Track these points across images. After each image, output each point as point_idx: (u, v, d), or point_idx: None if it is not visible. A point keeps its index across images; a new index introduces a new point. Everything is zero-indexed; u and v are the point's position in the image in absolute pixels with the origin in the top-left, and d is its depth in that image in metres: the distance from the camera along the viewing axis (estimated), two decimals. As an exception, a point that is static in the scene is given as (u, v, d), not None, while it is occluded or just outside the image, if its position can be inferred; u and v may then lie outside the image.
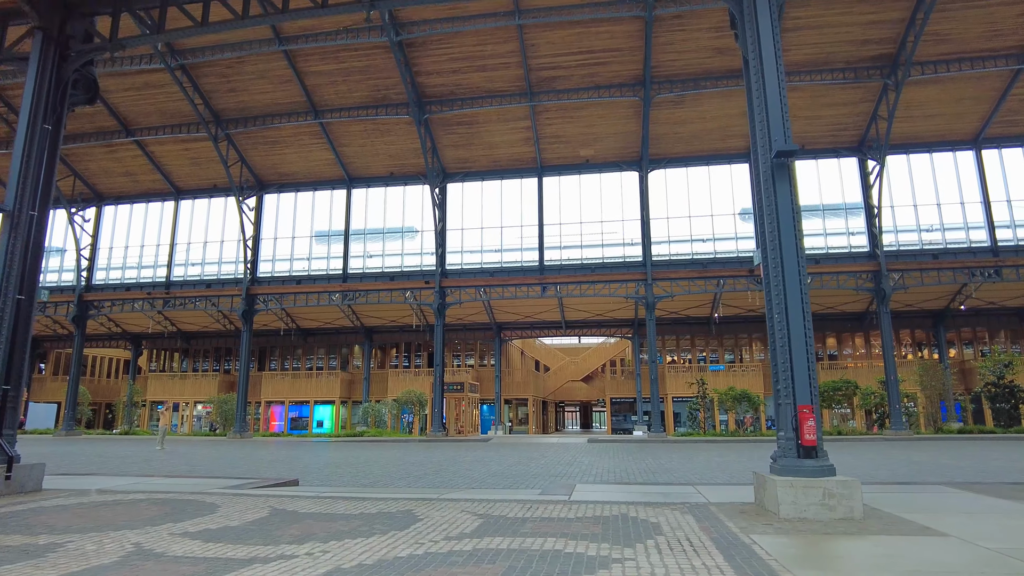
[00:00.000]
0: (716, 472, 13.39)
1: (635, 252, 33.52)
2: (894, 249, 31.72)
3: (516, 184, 35.06)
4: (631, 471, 13.82)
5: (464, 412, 38.19)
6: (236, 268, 37.20)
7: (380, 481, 12.05)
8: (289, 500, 8.34)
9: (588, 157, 33.83)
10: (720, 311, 39.54)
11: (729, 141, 33.06)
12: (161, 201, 38.94)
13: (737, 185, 33.70)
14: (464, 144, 33.43)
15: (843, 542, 5.63)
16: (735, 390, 34.39)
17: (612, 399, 45.35)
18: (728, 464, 15.45)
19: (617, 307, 39.52)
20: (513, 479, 12.25)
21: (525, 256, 34.56)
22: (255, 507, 7.76)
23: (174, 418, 47.02)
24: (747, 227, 33.46)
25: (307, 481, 11.99)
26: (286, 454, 20.45)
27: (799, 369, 7.17)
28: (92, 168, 37.07)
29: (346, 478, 12.62)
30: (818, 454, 6.96)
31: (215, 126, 32.67)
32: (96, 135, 33.87)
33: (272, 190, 37.19)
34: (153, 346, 49.68)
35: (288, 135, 33.92)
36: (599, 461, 16.80)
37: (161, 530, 6.25)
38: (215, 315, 41.87)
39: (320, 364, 46.70)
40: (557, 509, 7.46)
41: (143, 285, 37.89)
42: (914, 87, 29.14)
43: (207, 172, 36.91)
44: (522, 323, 43.31)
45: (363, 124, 32.76)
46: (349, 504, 8.00)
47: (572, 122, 31.89)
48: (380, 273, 35.64)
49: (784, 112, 7.97)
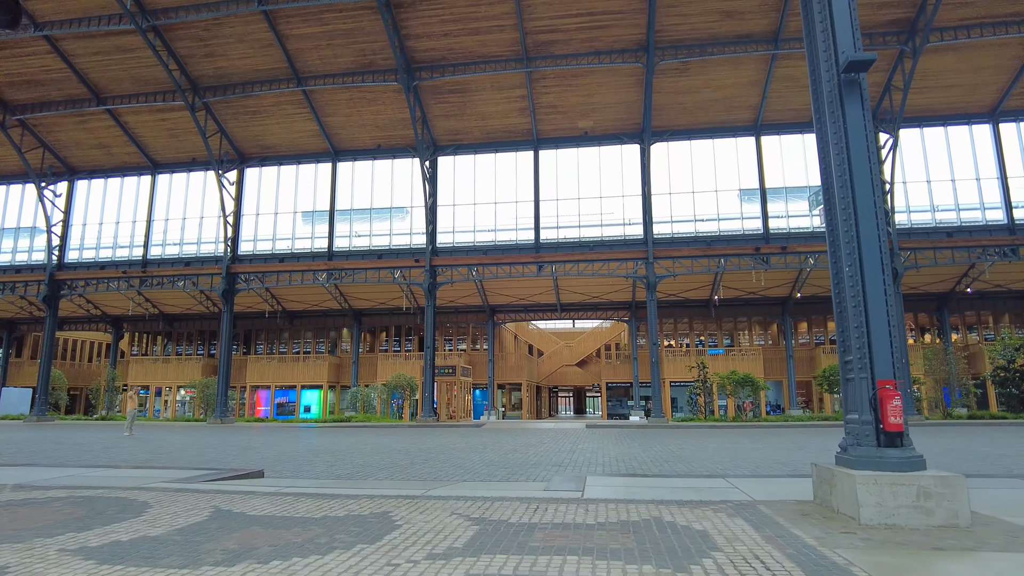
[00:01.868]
0: (738, 461, 11.97)
1: (635, 231, 31.98)
2: (906, 227, 30.33)
3: (511, 157, 33.34)
4: (642, 460, 12.38)
5: (456, 397, 36.74)
6: (216, 246, 35.39)
7: (359, 472, 10.55)
8: (241, 498, 6.82)
9: (587, 129, 32.15)
10: (720, 293, 38.20)
11: (735, 113, 31.46)
12: (137, 175, 36.97)
13: (743, 160, 32.14)
14: (456, 114, 31.64)
15: (972, 564, 4.16)
16: (737, 374, 33.11)
17: (608, 383, 44.05)
18: (744, 451, 14.06)
19: (614, 289, 38.08)
20: (511, 469, 10.79)
21: (520, 235, 32.94)
22: (195, 507, 6.24)
23: (156, 403, 45.51)
24: (751, 207, 31.94)
25: (276, 472, 10.48)
26: (263, 440, 18.93)
27: (878, 334, 5.69)
28: (62, 139, 35.03)
29: (321, 468, 11.11)
30: (904, 442, 5.50)
31: (192, 94, 30.74)
32: (65, 103, 31.85)
33: (254, 163, 35.31)
34: (135, 329, 47.91)
35: (270, 104, 32.02)
36: (603, 448, 15.38)
37: (51, 544, 4.71)
38: (198, 296, 40.14)
39: (308, 348, 45.13)
40: (571, 511, 5.97)
41: (119, 264, 36.02)
42: (931, 55, 27.62)
43: (185, 144, 34.97)
44: (516, 306, 41.82)
45: (349, 92, 30.91)
46: (313, 503, 6.49)
47: (570, 91, 30.17)
48: (367, 251, 33.93)
49: (852, 13, 6.42)
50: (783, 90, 30.09)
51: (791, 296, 39.02)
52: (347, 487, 8.16)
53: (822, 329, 42.65)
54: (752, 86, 30.05)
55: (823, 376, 32.62)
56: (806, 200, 31.69)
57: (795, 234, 31.15)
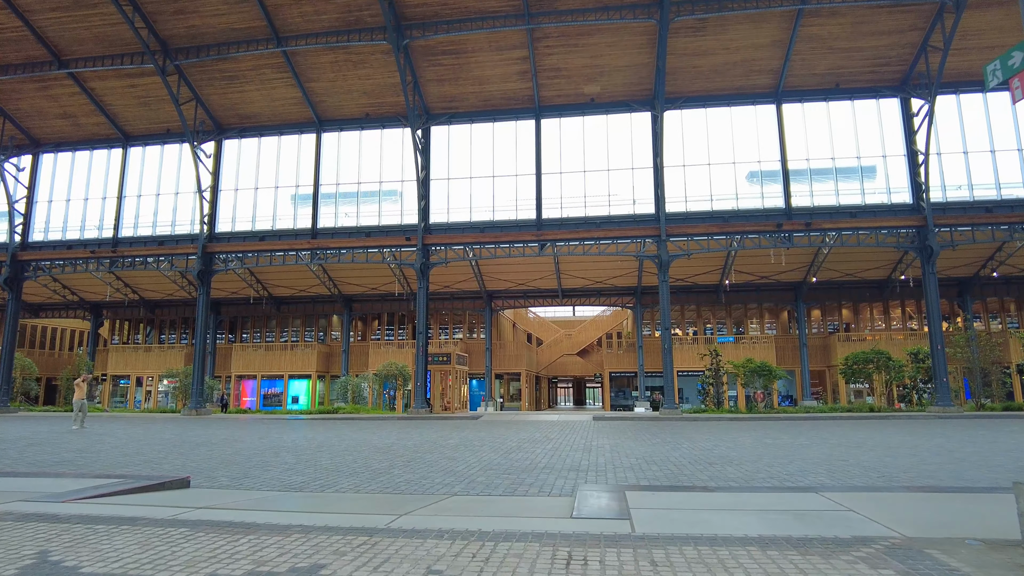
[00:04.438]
0: (798, 463, 9.56)
1: (646, 208, 29.46)
2: (941, 202, 27.89)
3: (510, 127, 30.72)
4: (677, 461, 9.97)
5: (451, 387, 34.33)
6: (192, 224, 32.80)
7: (318, 480, 8.11)
8: (103, 534, 4.37)
9: (593, 95, 29.56)
10: (732, 277, 35.83)
11: (754, 78, 28.92)
12: (107, 148, 34.30)
13: (763, 130, 29.61)
14: (450, 78, 29.01)
15: None
16: (753, 362, 30.73)
17: (611, 373, 41.69)
18: (795, 449, 11.66)
19: (619, 273, 35.68)
20: (516, 476, 8.36)
21: (521, 213, 30.38)
22: (13, 552, 3.81)
23: (138, 393, 43.08)
24: (772, 182, 29.43)
25: (212, 479, 8.05)
26: (230, 435, 16.50)
27: None
28: (24, 108, 32.33)
29: (274, 474, 8.67)
30: None
31: (163, 56, 28.08)
32: (23, 67, 29.15)
33: (232, 135, 32.66)
34: (115, 316, 45.45)
35: (248, 68, 29.37)
36: (622, 445, 12.97)
37: None
38: (180, 281, 37.65)
39: (296, 336, 42.74)
40: (628, 562, 3.55)
41: (88, 244, 33.42)
42: (973, 11, 25.08)
43: (158, 114, 32.32)
44: (515, 291, 39.40)
45: (334, 53, 28.27)
46: (209, 543, 4.05)
47: (576, 51, 27.56)
48: (355, 229, 31.36)
49: None
50: (808, 52, 27.56)
51: (805, 281, 36.67)
52: (283, 508, 5.72)
53: (836, 317, 40.33)
54: (774, 47, 27.49)
55: (847, 365, 30.25)
56: (832, 173, 29.20)
57: (819, 210, 28.69)
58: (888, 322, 39.71)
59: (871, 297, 38.63)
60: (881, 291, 37.70)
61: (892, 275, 35.74)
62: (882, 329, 39.35)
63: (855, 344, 35.64)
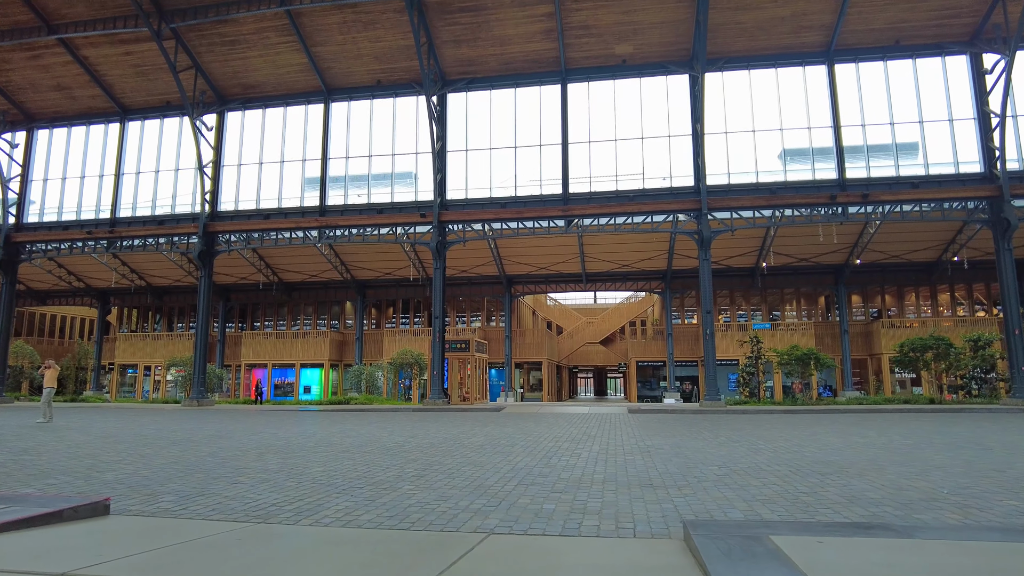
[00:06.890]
0: (941, 474, 7.10)
1: (683, 180, 26.84)
2: (1018, 171, 24.97)
3: (534, 93, 28.15)
4: (780, 472, 7.55)
5: (470, 376, 32.10)
6: (194, 203, 30.78)
7: (298, 499, 5.80)
8: None
9: (625, 56, 26.90)
10: (770, 259, 33.17)
11: (803, 35, 26.10)
12: (104, 123, 32.32)
13: (813, 93, 26.81)
14: (468, 39, 26.51)
15: None
16: (799, 349, 28.14)
17: (637, 362, 39.22)
18: (909, 452, 9.18)
19: (648, 256, 33.17)
20: (571, 496, 6.00)
21: (545, 188, 27.88)
22: None
23: (145, 383, 41.50)
24: (824, 156, 26.66)
25: (154, 496, 5.81)
26: (220, 430, 14.38)
27: None
28: (15, 80, 30.41)
29: (241, 488, 6.39)
30: None
31: (157, 18, 25.91)
32: (10, 33, 27.15)
33: (235, 106, 30.51)
34: (123, 304, 43.93)
35: (250, 32, 27.12)
36: (684, 445, 10.56)
37: None
38: (187, 267, 35.87)
39: (308, 324, 40.86)
40: None
41: (85, 224, 31.53)
42: (1061, -50, 22.09)
43: (157, 85, 30.26)
44: (536, 276, 37.06)
45: (342, 13, 25.90)
46: None
47: (606, 6, 24.91)
48: (366, 207, 29.09)
49: None
50: (865, 4, 24.67)
51: (847, 263, 33.93)
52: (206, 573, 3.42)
53: (877, 302, 37.49)
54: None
55: (902, 353, 27.49)
56: (890, 140, 26.36)
57: (876, 181, 25.89)
58: (935, 308, 36.80)
59: (917, 281, 35.77)
60: (929, 274, 34.82)
61: (943, 256, 32.85)
62: (928, 316, 36.45)
63: (900, 332, 32.85)
